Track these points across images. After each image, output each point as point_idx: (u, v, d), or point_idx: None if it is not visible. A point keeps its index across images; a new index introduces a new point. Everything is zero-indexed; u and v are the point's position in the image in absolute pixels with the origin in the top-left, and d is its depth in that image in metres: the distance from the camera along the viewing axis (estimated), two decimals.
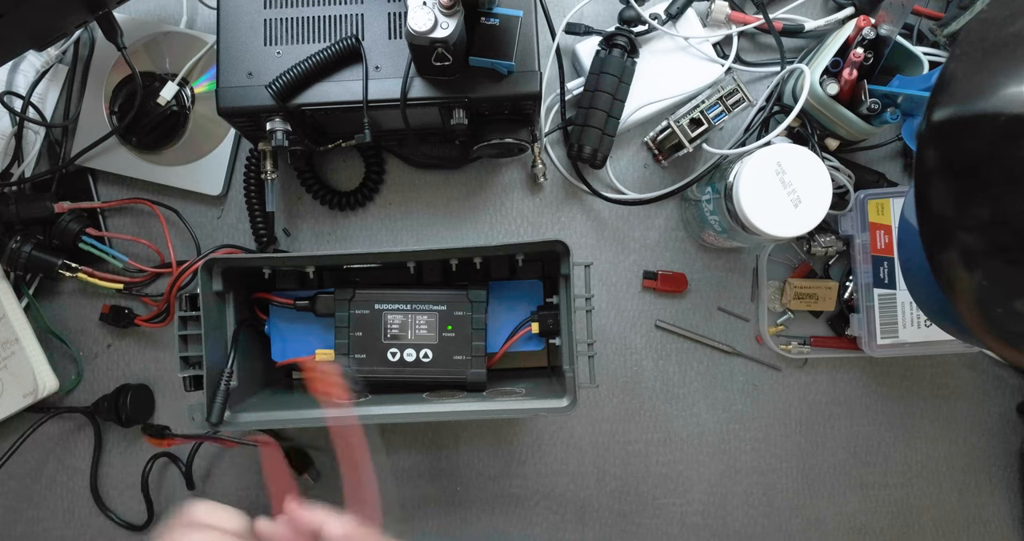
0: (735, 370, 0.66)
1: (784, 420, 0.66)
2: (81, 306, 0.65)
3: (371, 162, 0.64)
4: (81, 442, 0.65)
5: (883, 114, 0.56)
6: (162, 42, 0.64)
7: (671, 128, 0.61)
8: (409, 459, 0.65)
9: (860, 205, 0.61)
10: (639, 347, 0.65)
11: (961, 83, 0.35)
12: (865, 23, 0.56)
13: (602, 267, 0.65)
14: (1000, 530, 0.66)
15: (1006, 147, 0.32)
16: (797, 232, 0.52)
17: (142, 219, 0.65)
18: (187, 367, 0.53)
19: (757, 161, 0.52)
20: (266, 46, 0.52)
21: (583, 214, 0.66)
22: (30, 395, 0.60)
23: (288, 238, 0.65)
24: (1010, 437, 0.66)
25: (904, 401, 0.66)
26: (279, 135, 0.52)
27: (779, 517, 0.66)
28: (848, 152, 0.64)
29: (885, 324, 0.61)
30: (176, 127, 0.63)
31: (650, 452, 0.65)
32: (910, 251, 0.47)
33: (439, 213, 0.66)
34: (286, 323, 0.59)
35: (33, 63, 0.64)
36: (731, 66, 0.63)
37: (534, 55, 0.52)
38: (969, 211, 0.33)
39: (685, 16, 0.63)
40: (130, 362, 0.65)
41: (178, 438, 0.59)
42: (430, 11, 0.45)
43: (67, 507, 0.65)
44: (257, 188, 0.62)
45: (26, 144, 0.64)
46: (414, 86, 0.52)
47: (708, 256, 0.65)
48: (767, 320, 0.64)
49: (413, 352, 0.56)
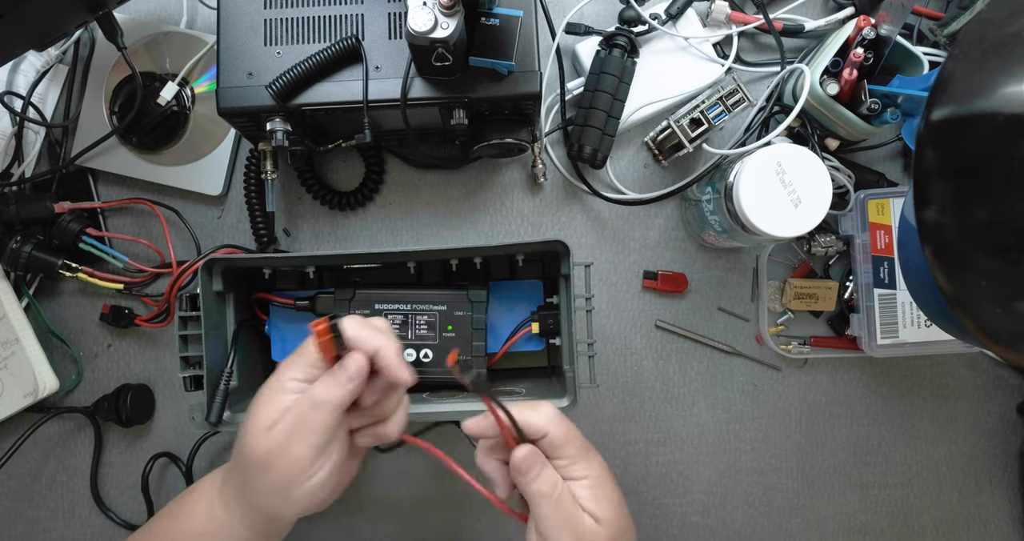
0: (735, 370, 0.66)
1: (784, 420, 0.66)
2: (81, 306, 0.65)
3: (371, 162, 0.64)
4: (81, 442, 0.65)
5: (883, 114, 0.56)
6: (162, 42, 0.64)
7: (671, 128, 0.61)
8: (409, 459, 0.65)
9: (860, 205, 0.61)
10: (639, 347, 0.65)
11: (960, 83, 0.35)
12: (865, 23, 0.56)
13: (602, 267, 0.65)
14: (1000, 530, 0.66)
15: (1005, 147, 0.32)
16: (797, 232, 0.52)
17: (142, 219, 0.65)
18: (187, 367, 0.53)
19: (757, 161, 0.52)
20: (266, 46, 0.52)
21: (583, 214, 0.66)
22: (30, 395, 0.60)
23: (288, 238, 0.65)
24: (1010, 437, 0.66)
25: (904, 401, 0.66)
26: (279, 135, 0.52)
27: (779, 517, 0.66)
28: (848, 152, 0.64)
29: (885, 324, 0.61)
30: (176, 127, 0.63)
31: (650, 452, 0.65)
32: (910, 251, 0.47)
33: (439, 213, 0.66)
34: (286, 323, 0.59)
35: (33, 63, 0.64)
36: (731, 66, 0.63)
37: (534, 55, 0.52)
38: (968, 211, 0.33)
39: (685, 16, 0.63)
40: (130, 362, 0.65)
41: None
42: (430, 11, 0.45)
43: (67, 507, 0.65)
44: (257, 188, 0.62)
45: (26, 144, 0.64)
46: (414, 86, 0.52)
47: (708, 256, 0.65)
48: (767, 320, 0.64)
49: (413, 352, 0.56)
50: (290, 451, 0.40)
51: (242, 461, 0.42)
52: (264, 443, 0.40)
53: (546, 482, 0.40)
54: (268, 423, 0.41)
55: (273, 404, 0.41)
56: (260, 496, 0.42)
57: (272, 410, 0.41)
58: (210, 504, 0.45)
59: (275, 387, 0.42)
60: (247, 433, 0.41)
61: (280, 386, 0.42)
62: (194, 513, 0.46)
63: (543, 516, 0.40)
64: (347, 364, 0.41)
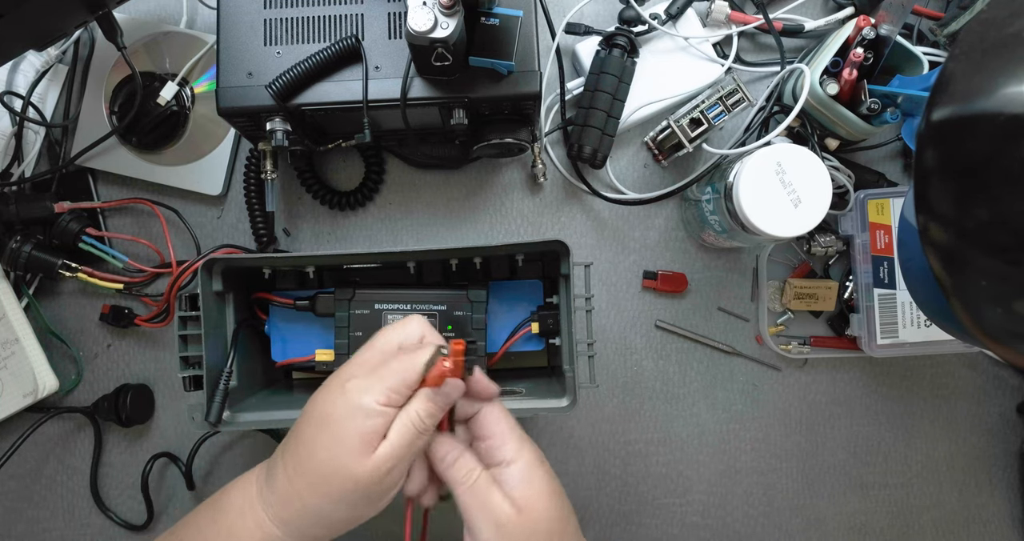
0: (735, 370, 0.65)
1: (784, 420, 0.66)
2: (81, 306, 0.65)
3: (371, 162, 0.64)
4: (81, 442, 0.65)
5: (883, 114, 0.56)
6: (162, 42, 0.64)
7: (671, 128, 0.61)
8: None
9: (860, 205, 0.61)
10: (639, 347, 0.65)
11: (960, 83, 0.35)
12: (865, 23, 0.56)
13: (602, 267, 0.65)
14: (1000, 530, 0.66)
15: (1005, 147, 0.32)
16: (797, 232, 0.52)
17: (142, 219, 0.65)
18: (187, 367, 0.53)
19: (757, 161, 0.52)
20: (266, 46, 0.52)
21: (583, 214, 0.66)
22: (30, 395, 0.60)
23: (288, 238, 0.65)
24: (1010, 437, 0.66)
25: (904, 401, 0.66)
26: (279, 135, 0.52)
27: (779, 517, 0.66)
28: (848, 152, 0.64)
29: (885, 324, 0.61)
30: (176, 127, 0.63)
31: (650, 452, 0.65)
32: (910, 251, 0.47)
33: (439, 213, 0.66)
34: (286, 323, 0.59)
35: (33, 63, 0.64)
36: (731, 66, 0.63)
37: (534, 55, 0.52)
38: (968, 211, 0.33)
39: (685, 16, 0.63)
40: (130, 362, 0.65)
41: None
42: (430, 11, 0.45)
43: (67, 507, 0.65)
44: (257, 188, 0.62)
45: (26, 144, 0.64)
46: (414, 86, 0.52)
47: (708, 256, 0.65)
48: (767, 320, 0.64)
49: None
50: (391, 476, 0.40)
51: (324, 484, 0.40)
52: (363, 470, 0.39)
53: (462, 469, 0.41)
54: (362, 448, 0.39)
55: (363, 428, 0.40)
56: (339, 518, 0.41)
57: (362, 435, 0.39)
58: (258, 524, 0.43)
59: (355, 410, 0.40)
60: (334, 459, 0.40)
61: (367, 408, 0.40)
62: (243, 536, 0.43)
63: (462, 505, 0.41)
64: (448, 390, 0.41)
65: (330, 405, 0.41)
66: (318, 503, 0.41)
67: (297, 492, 0.41)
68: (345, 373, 0.42)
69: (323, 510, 0.41)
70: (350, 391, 0.41)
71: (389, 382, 0.41)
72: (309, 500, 0.41)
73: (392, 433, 0.40)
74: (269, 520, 0.42)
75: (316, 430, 0.41)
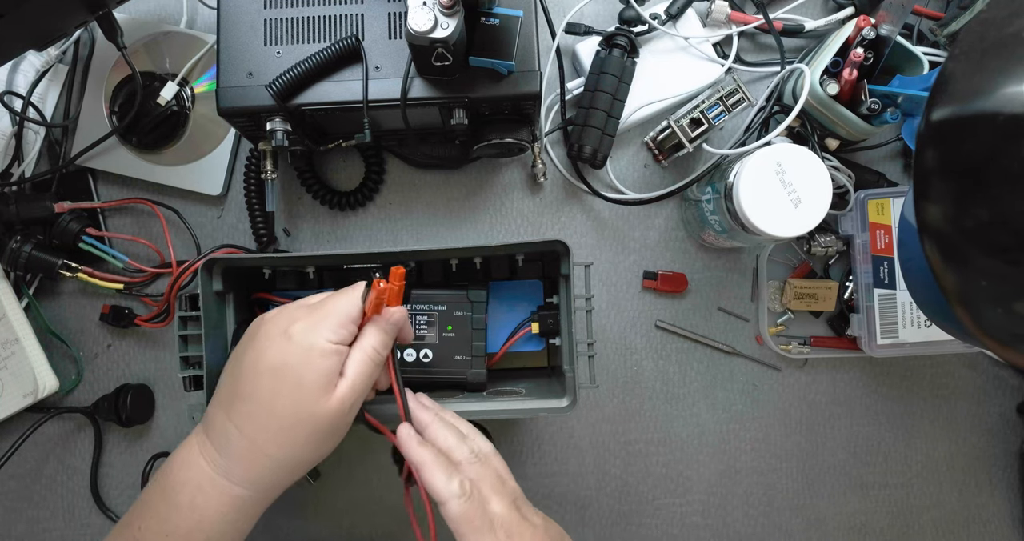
0: (735, 370, 0.65)
1: (784, 420, 0.66)
2: (81, 306, 0.65)
3: (371, 162, 0.64)
4: (81, 442, 0.65)
5: (883, 114, 0.56)
6: (162, 42, 0.64)
7: (671, 128, 0.61)
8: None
9: (860, 205, 0.61)
10: (639, 347, 0.65)
11: (960, 83, 0.35)
12: (865, 23, 0.56)
13: (602, 267, 0.65)
14: (1000, 530, 0.66)
15: (1005, 147, 0.32)
16: (797, 232, 0.52)
17: (142, 219, 0.65)
18: (187, 367, 0.53)
19: (757, 161, 0.52)
20: (266, 46, 0.52)
21: (583, 214, 0.66)
22: (30, 395, 0.60)
23: (288, 238, 0.65)
24: (1010, 437, 0.66)
25: (904, 401, 0.66)
26: (279, 135, 0.52)
27: (779, 517, 0.66)
28: (848, 152, 0.64)
29: (885, 324, 0.61)
30: (176, 127, 0.63)
31: (650, 452, 0.65)
32: (910, 251, 0.47)
33: (439, 213, 0.66)
34: None
35: (33, 63, 0.64)
36: (731, 66, 0.63)
37: (534, 55, 0.52)
38: (968, 211, 0.33)
39: (685, 16, 0.63)
40: (130, 362, 0.65)
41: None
42: (430, 11, 0.45)
43: (67, 507, 0.65)
44: (257, 188, 0.62)
45: (26, 144, 0.64)
46: (414, 86, 0.52)
47: (708, 256, 0.65)
48: (767, 320, 0.64)
49: (413, 352, 0.56)
50: (353, 410, 0.42)
51: (290, 432, 0.41)
52: (327, 409, 0.41)
53: (420, 455, 0.43)
54: (324, 388, 0.41)
55: (321, 369, 0.41)
56: (305, 460, 0.43)
57: (322, 375, 0.41)
58: (212, 482, 0.43)
59: (314, 351, 0.41)
60: (297, 404, 0.40)
61: (321, 348, 0.41)
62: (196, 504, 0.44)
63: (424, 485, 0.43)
64: (392, 316, 0.43)
65: (280, 354, 0.41)
66: (287, 452, 0.42)
67: (261, 449, 0.42)
68: (280, 323, 0.43)
69: (292, 457, 0.42)
70: (297, 335, 0.41)
71: (333, 320, 0.41)
72: (276, 452, 0.42)
73: (349, 369, 0.42)
74: (234, 484, 0.43)
75: (271, 382, 0.41)
